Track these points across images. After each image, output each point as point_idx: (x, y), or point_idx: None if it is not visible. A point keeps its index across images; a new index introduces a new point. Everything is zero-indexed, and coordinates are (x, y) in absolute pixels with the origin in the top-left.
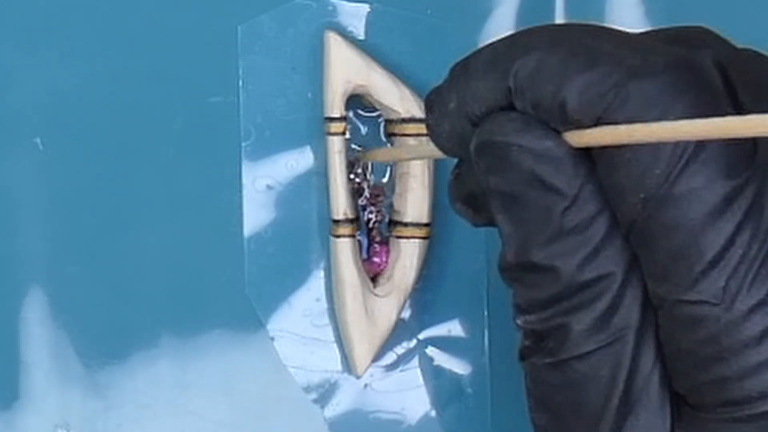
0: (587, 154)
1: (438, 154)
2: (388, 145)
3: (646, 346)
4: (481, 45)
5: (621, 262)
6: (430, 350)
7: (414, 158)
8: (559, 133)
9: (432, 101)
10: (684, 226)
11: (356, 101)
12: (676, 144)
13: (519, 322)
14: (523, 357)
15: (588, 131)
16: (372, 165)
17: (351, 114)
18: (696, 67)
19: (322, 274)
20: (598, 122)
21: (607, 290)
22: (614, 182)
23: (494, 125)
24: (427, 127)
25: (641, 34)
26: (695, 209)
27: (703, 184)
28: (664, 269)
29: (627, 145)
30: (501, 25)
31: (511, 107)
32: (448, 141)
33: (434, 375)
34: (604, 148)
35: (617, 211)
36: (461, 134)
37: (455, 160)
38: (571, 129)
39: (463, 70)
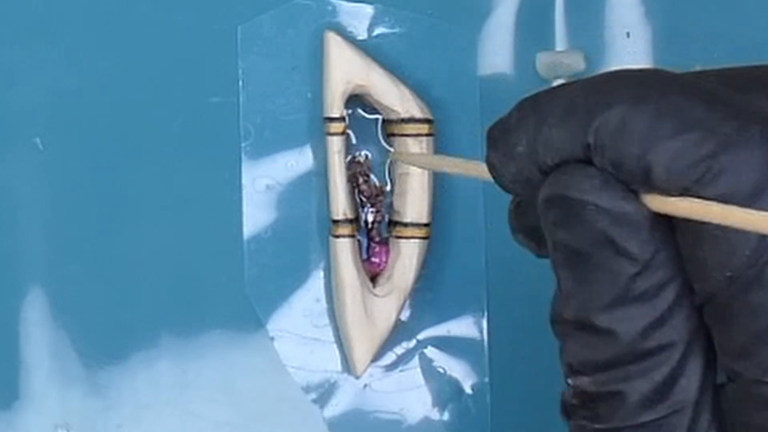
0: (665, 218)
1: (486, 176)
2: (386, 146)
3: (702, 419)
4: (480, 41)
5: (685, 332)
6: (430, 350)
7: (456, 173)
8: (637, 194)
9: (497, 139)
10: None
11: (356, 101)
12: None
13: (570, 381)
14: (568, 415)
15: (673, 200)
16: (372, 165)
17: (350, 112)
18: None
19: (321, 274)
20: (684, 192)
21: (668, 360)
22: (698, 256)
23: (570, 179)
24: (490, 164)
25: (730, 76)
26: None
27: None
28: (745, 348)
29: None
30: (501, 25)
31: (587, 161)
32: (513, 183)
33: (434, 375)
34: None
35: (696, 282)
36: (528, 179)
37: None
38: (652, 193)
39: (534, 112)
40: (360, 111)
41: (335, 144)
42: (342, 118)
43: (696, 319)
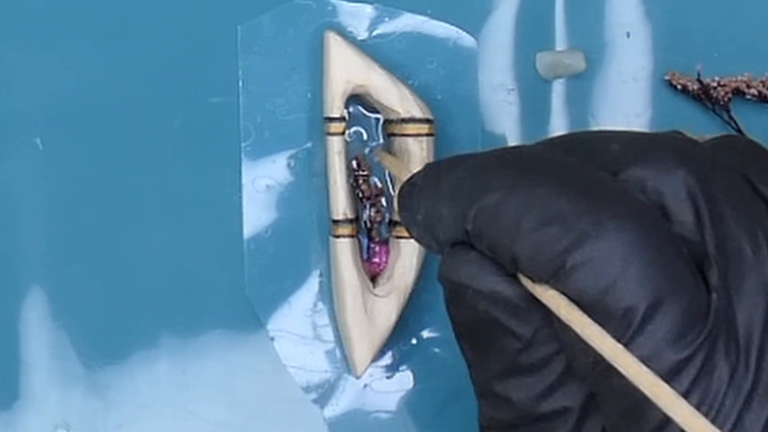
0: None
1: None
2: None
3: None
4: (480, 41)
5: (578, 398)
6: (430, 350)
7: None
8: (515, 276)
9: (404, 199)
10: (631, 394)
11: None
12: (626, 312)
13: None
14: None
15: (539, 288)
16: (372, 165)
17: (351, 110)
18: (653, 220)
19: (321, 274)
20: (548, 282)
21: (564, 424)
22: (565, 340)
23: (453, 263)
24: (400, 216)
25: (615, 151)
26: None
27: (650, 355)
28: (616, 425)
29: None
30: (501, 25)
31: (471, 243)
32: (419, 240)
33: (434, 375)
34: None
35: (570, 362)
36: (428, 245)
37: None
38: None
39: (433, 184)
40: (361, 110)
41: (335, 144)
42: (342, 118)
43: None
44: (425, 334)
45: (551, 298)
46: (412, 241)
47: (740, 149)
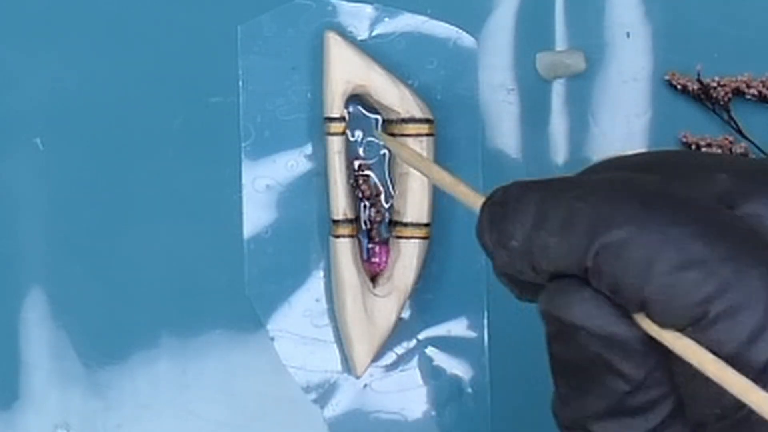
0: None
1: (470, 202)
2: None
3: None
4: (480, 41)
5: None
6: (430, 350)
7: (448, 190)
8: (629, 317)
9: (492, 221)
10: None
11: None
12: (766, 366)
13: None
14: None
15: (668, 334)
16: (372, 165)
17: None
18: None
19: (321, 274)
20: (683, 330)
21: None
22: (690, 388)
23: (565, 301)
24: (482, 241)
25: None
26: None
27: None
28: None
29: None
30: (501, 25)
31: (584, 278)
32: (503, 267)
33: (434, 375)
34: None
35: (687, 409)
36: (520, 271)
37: (458, 163)
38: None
39: (534, 209)
40: (361, 110)
41: (335, 144)
42: (342, 118)
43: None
44: (425, 334)
45: (685, 347)
46: (412, 241)
47: None
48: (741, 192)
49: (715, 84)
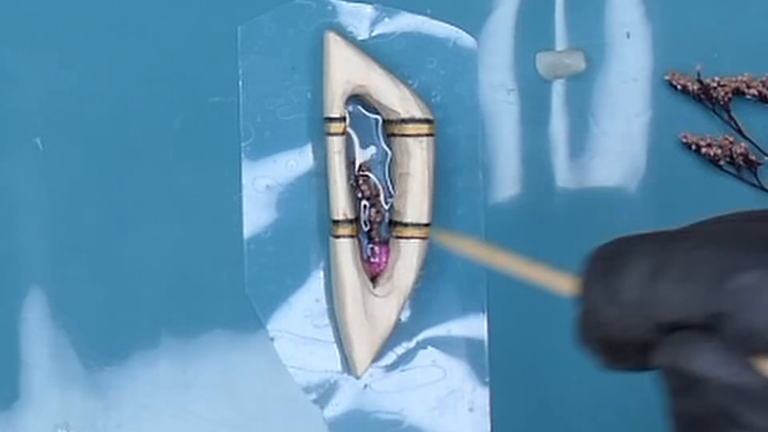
0: None
1: (557, 286)
2: (385, 146)
3: None
4: (480, 41)
5: None
6: (430, 350)
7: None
8: (756, 365)
9: (600, 276)
10: None
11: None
12: None
13: None
14: None
15: None
16: (372, 165)
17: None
18: None
19: (321, 274)
20: None
21: None
22: None
23: (690, 352)
24: (587, 299)
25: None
26: None
27: None
28: None
29: None
30: (501, 25)
31: (706, 325)
32: (610, 324)
33: (434, 375)
34: None
35: None
36: (632, 326)
37: (458, 163)
38: None
39: (647, 262)
40: (360, 110)
41: (335, 144)
42: (342, 118)
43: None
44: (425, 334)
45: None
46: (412, 241)
47: None
48: None
49: (715, 84)
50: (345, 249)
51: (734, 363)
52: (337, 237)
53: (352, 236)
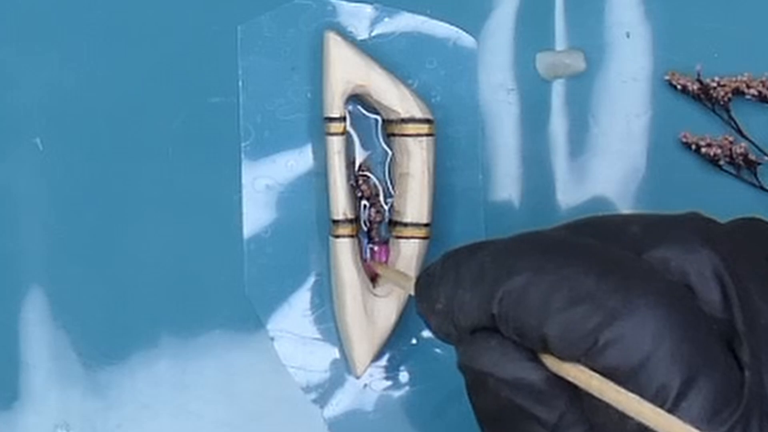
0: (570, 382)
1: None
2: (385, 146)
3: None
4: (480, 41)
5: None
6: (430, 350)
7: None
8: (538, 359)
9: (421, 290)
10: None
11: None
12: (659, 389)
13: None
14: None
15: (566, 365)
16: (372, 165)
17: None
18: (682, 297)
19: (321, 274)
20: (579, 360)
21: None
22: (596, 421)
23: (474, 351)
24: (418, 312)
25: (637, 233)
26: None
27: None
28: None
29: None
30: (501, 25)
31: (493, 327)
32: (435, 333)
33: (434, 375)
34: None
35: None
36: (448, 333)
37: (458, 163)
38: (551, 358)
39: (453, 271)
40: (360, 110)
41: (335, 144)
42: (342, 118)
43: None
44: (425, 334)
45: (581, 375)
46: (412, 241)
47: (759, 230)
48: (649, 240)
49: (715, 84)
50: (345, 249)
51: (511, 360)
52: (337, 237)
53: (352, 236)
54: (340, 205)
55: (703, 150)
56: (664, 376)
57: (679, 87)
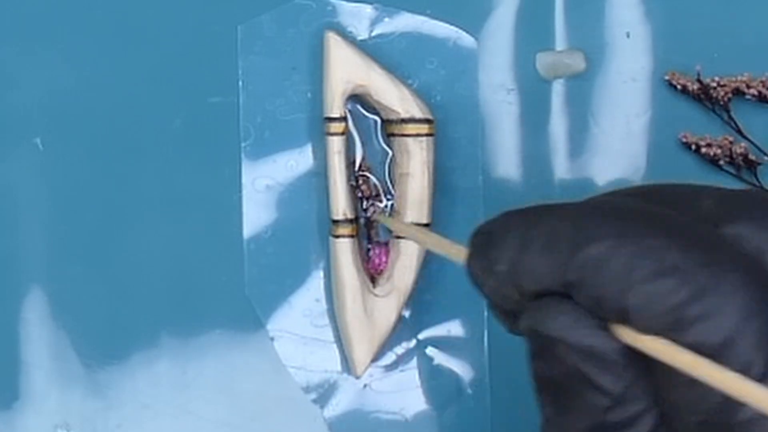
0: (640, 353)
1: (456, 255)
2: (385, 146)
3: None
4: (480, 41)
5: None
6: (430, 350)
7: (437, 251)
8: (611, 330)
9: (478, 248)
10: None
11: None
12: (743, 368)
13: None
14: None
15: (647, 339)
16: (372, 165)
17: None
18: (766, 276)
19: (321, 274)
20: (659, 334)
21: None
22: (670, 397)
23: (544, 315)
24: (469, 270)
25: (714, 211)
26: None
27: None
28: None
29: None
30: (501, 25)
31: (565, 293)
32: (491, 294)
33: (434, 375)
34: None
35: (668, 420)
36: (506, 296)
37: (458, 163)
38: (628, 329)
39: (519, 233)
40: (360, 110)
41: (335, 144)
42: (342, 118)
43: None
44: (425, 334)
45: (666, 349)
46: (411, 240)
47: None
48: (724, 214)
49: (715, 84)
50: (345, 249)
51: (584, 326)
52: (337, 237)
53: (351, 236)
54: (340, 205)
55: (703, 150)
56: (749, 354)
57: (679, 87)
